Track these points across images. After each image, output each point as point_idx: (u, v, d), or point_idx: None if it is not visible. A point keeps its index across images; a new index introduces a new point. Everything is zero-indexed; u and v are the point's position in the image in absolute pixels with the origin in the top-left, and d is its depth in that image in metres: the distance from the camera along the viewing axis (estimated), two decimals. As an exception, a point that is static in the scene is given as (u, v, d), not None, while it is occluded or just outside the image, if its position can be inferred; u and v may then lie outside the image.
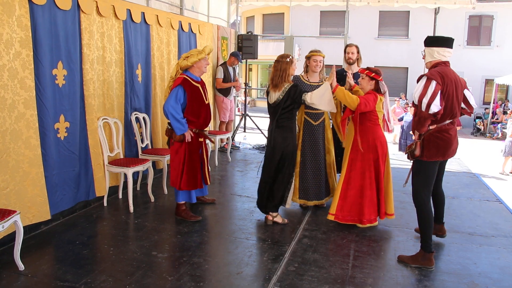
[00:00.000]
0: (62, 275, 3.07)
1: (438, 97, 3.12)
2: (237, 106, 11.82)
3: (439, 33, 18.26)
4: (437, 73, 3.16)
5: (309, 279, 3.12)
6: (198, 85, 4.11)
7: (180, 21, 6.09)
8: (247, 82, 9.29)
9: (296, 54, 16.97)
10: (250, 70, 23.21)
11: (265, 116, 5.36)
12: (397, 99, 15.49)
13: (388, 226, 4.19)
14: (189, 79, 4.04)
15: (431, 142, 3.28)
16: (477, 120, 18.13)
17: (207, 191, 4.66)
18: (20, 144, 3.47)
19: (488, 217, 4.57)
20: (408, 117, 10.64)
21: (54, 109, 3.86)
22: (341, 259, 3.47)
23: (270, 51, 18.64)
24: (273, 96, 4.01)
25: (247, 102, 9.45)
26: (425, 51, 3.36)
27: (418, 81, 3.26)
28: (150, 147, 5.33)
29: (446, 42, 3.29)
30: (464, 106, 3.49)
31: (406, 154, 3.47)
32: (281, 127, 4.03)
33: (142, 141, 5.15)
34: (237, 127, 8.55)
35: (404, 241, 3.88)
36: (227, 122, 7.50)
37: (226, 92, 7.27)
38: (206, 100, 4.20)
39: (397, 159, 7.24)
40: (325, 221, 4.19)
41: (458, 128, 3.57)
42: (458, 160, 7.30)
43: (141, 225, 4.09)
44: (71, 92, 4.06)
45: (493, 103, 18.39)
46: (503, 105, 18.74)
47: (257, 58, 8.23)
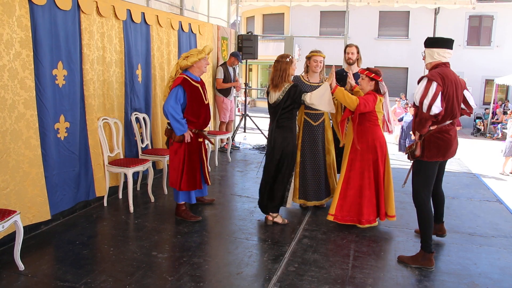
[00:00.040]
0: (62, 275, 3.07)
1: (439, 98, 3.13)
2: (237, 106, 11.81)
3: (439, 33, 18.30)
4: (438, 74, 3.17)
5: (309, 280, 3.12)
6: (197, 85, 4.11)
7: (180, 21, 6.09)
8: (247, 82, 9.29)
9: (296, 54, 16.97)
10: (250, 70, 23.21)
11: (265, 116, 5.36)
12: (398, 100, 15.48)
13: (388, 226, 4.19)
14: (188, 79, 4.03)
15: (431, 142, 3.29)
16: (477, 120, 18.12)
17: (206, 191, 4.66)
18: (20, 144, 3.47)
19: (488, 217, 4.57)
20: (408, 117, 10.62)
21: (54, 109, 3.87)
22: (341, 259, 3.47)
23: (270, 51, 18.63)
24: (273, 96, 4.01)
25: (247, 102, 9.44)
26: (425, 52, 3.37)
27: (418, 82, 3.27)
28: (150, 147, 5.33)
29: (446, 43, 3.30)
30: (463, 106, 3.50)
31: (406, 154, 3.47)
32: (281, 127, 4.03)
33: (142, 141, 5.15)
34: (237, 127, 8.54)
35: (404, 241, 3.88)
36: (227, 122, 7.50)
37: (226, 92, 7.28)
38: (205, 100, 4.20)
39: (397, 159, 7.24)
40: (325, 221, 4.19)
41: (458, 128, 3.58)
42: (458, 160, 7.30)
43: (141, 225, 4.09)
44: (71, 92, 4.06)
45: (493, 103, 18.40)
46: (503, 105, 18.73)
47: (257, 58, 8.23)
